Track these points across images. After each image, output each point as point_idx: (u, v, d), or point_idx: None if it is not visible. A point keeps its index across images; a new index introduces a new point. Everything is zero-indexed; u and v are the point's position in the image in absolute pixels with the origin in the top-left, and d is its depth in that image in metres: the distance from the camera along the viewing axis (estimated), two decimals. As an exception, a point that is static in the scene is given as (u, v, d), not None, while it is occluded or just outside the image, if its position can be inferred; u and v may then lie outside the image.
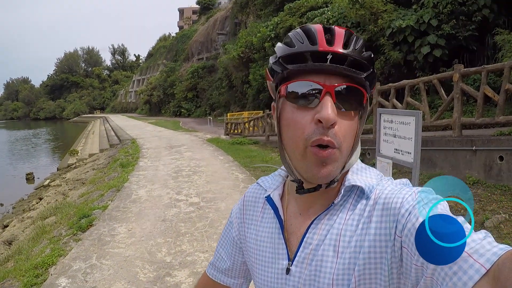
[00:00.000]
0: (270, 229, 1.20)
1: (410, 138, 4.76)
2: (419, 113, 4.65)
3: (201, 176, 11.80)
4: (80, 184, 15.71)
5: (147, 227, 7.39)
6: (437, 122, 9.71)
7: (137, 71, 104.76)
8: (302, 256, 1.08)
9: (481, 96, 8.57)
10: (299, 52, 0.99)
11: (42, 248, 6.93)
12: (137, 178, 12.02)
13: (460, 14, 13.64)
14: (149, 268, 5.66)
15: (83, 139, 41.30)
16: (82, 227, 7.51)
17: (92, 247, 6.53)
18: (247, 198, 1.34)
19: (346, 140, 1.00)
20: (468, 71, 9.09)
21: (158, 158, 16.31)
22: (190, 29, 75.68)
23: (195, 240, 6.66)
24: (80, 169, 21.74)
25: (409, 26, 14.20)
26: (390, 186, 1.04)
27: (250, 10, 43.52)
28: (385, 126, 5.30)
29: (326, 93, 0.96)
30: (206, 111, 49.52)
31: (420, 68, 14.66)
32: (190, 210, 8.34)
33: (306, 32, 1.02)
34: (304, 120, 0.99)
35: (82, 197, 11.21)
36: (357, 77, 0.99)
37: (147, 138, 26.09)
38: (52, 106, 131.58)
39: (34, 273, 5.72)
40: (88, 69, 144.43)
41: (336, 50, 0.97)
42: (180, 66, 65.47)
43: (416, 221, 0.87)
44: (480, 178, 8.16)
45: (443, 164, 9.01)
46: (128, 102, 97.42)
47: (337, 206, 1.07)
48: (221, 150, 17.88)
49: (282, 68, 1.02)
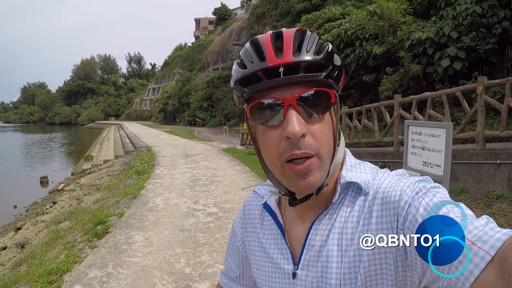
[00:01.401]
0: (271, 236, 1.20)
1: (440, 151, 4.68)
2: (450, 125, 4.58)
3: (219, 186, 11.71)
4: (94, 189, 15.71)
5: (165, 236, 7.30)
6: (460, 135, 9.59)
7: (153, 79, 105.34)
8: (307, 259, 1.08)
9: (505, 108, 8.46)
10: (251, 73, 0.97)
11: (56, 254, 6.86)
12: (154, 186, 11.96)
13: (480, 26, 13.48)
14: (168, 279, 5.55)
15: (98, 145, 41.48)
16: (98, 233, 7.44)
17: (109, 255, 6.45)
18: (246, 207, 1.34)
19: (323, 145, 0.98)
20: (492, 83, 8.97)
21: (174, 166, 16.26)
22: (206, 39, 75.97)
23: (215, 252, 6.55)
24: (95, 175, 21.77)
25: (429, 38, 14.04)
26: (387, 179, 1.03)
27: (266, 21, 43.57)
28: (413, 138, 5.22)
29: (289, 106, 0.94)
30: (221, 121, 49.51)
31: (440, 81, 14.49)
32: (209, 220, 8.25)
33: (255, 47, 1.00)
34: (275, 138, 0.97)
35: (97, 203, 11.16)
36: (317, 79, 0.96)
37: (162, 146, 26.08)
38: (68, 111, 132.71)
39: (48, 279, 5.66)
40: (104, 76, 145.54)
41: (286, 61, 0.94)
42: (196, 76, 65.65)
43: (417, 213, 0.88)
44: (504, 192, 8.00)
45: (465, 177, 8.85)
46: (142, 110, 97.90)
47: (336, 205, 1.07)
48: (238, 160, 17.80)
49: (241, 92, 1.01)
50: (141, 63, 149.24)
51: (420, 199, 0.90)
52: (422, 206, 0.88)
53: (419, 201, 0.90)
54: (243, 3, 70.97)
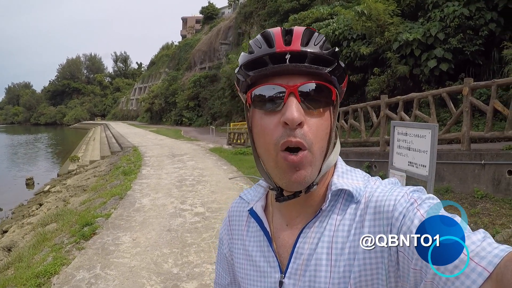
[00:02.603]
0: (257, 243, 1.17)
1: (426, 151, 4.74)
2: (436, 126, 4.64)
3: (205, 186, 11.74)
4: (81, 190, 15.66)
5: (152, 237, 7.31)
6: (445, 135, 9.68)
7: (139, 79, 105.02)
8: (294, 267, 1.05)
9: (490, 110, 8.56)
10: (258, 57, 0.99)
11: (43, 256, 6.85)
12: (140, 186, 11.96)
13: (467, 28, 13.62)
14: (156, 280, 5.57)
15: (84, 146, 41.32)
16: (85, 235, 7.43)
17: (96, 256, 6.44)
18: (231, 213, 1.31)
19: (318, 140, 0.98)
20: (478, 85, 9.10)
21: (160, 166, 16.27)
22: (193, 38, 75.83)
23: (202, 251, 6.58)
24: (81, 176, 21.70)
25: (416, 39, 14.19)
26: (380, 188, 1.02)
27: (254, 20, 43.63)
28: (399, 138, 5.28)
29: (290, 93, 0.95)
30: (208, 121, 49.50)
31: (426, 82, 14.63)
32: (196, 220, 8.26)
33: (265, 36, 1.02)
34: (272, 124, 0.97)
35: (84, 204, 11.14)
36: (321, 73, 0.97)
37: (149, 146, 26.09)
38: (53, 111, 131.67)
39: (36, 282, 5.64)
40: (90, 75, 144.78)
41: (294, 49, 0.96)
42: (182, 75, 65.56)
43: (412, 224, 0.86)
44: (488, 192, 8.12)
45: (451, 177, 8.96)
46: (129, 110, 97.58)
47: (325, 212, 1.05)
48: (224, 159, 17.86)
49: (245, 76, 1.02)
50: (127, 62, 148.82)
51: (415, 210, 0.89)
52: (417, 218, 0.87)
53: (414, 212, 0.89)
54: (230, 2, 70.88)
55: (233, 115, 40.51)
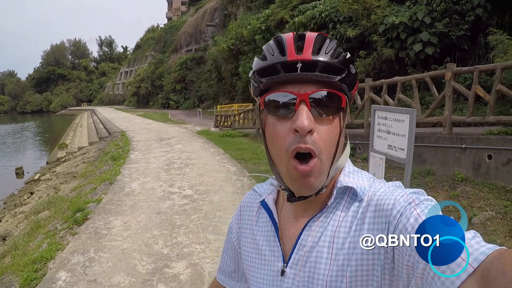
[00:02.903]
0: (265, 233, 1.22)
1: (404, 135, 4.87)
2: (414, 111, 4.76)
3: (193, 169, 11.88)
4: (71, 177, 15.63)
5: (143, 220, 7.47)
6: (428, 119, 9.84)
7: (125, 62, 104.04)
8: (296, 258, 1.09)
9: (472, 95, 8.71)
10: (270, 65, 1.02)
11: (38, 243, 6.95)
12: (129, 171, 12.07)
13: (453, 12, 13.70)
14: (147, 260, 5.75)
15: (71, 132, 40.93)
16: (77, 220, 7.55)
17: (89, 241, 6.59)
18: (243, 204, 1.37)
19: (327, 146, 1.02)
20: (460, 70, 9.22)
21: (149, 150, 16.35)
22: (178, 20, 75.09)
23: (191, 232, 6.76)
24: (70, 163, 21.60)
25: (403, 22, 14.26)
26: (382, 188, 1.05)
27: (240, 2, 43.28)
28: (379, 122, 5.40)
29: (301, 101, 0.98)
30: (195, 103, 49.41)
31: (412, 65, 14.78)
32: (184, 203, 8.42)
33: (278, 42, 1.05)
34: (284, 130, 1.01)
35: (75, 190, 11.21)
36: (332, 81, 1.00)
37: (136, 130, 26.09)
38: (39, 99, 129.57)
39: (33, 267, 5.76)
40: (75, 61, 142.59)
41: (305, 58, 0.99)
42: (169, 58, 65.08)
43: (407, 222, 0.90)
44: (468, 175, 8.30)
45: (432, 160, 9.15)
46: (115, 94, 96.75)
47: (330, 208, 1.09)
48: (212, 142, 17.94)
49: (258, 82, 1.06)
50: (113, 46, 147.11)
51: (412, 210, 0.92)
52: (413, 216, 0.90)
53: (410, 211, 0.92)
54: (216, -16, 70.32)
55: (220, 97, 40.50)
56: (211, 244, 6.25)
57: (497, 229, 6.32)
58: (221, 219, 7.34)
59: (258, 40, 27.49)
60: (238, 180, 10.19)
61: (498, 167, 7.77)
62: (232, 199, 8.49)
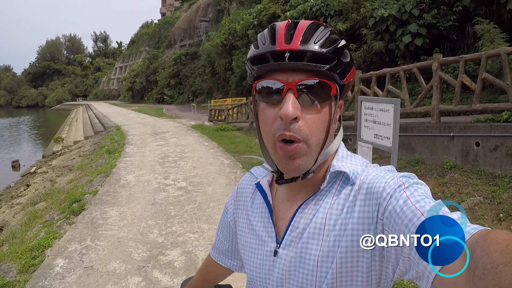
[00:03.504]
0: (259, 214, 1.25)
1: (389, 124, 4.98)
2: (398, 101, 4.90)
3: (187, 162, 12.03)
4: (67, 170, 15.72)
5: (138, 210, 7.62)
6: (416, 109, 9.98)
7: (119, 58, 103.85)
8: (289, 239, 1.12)
9: (458, 84, 8.83)
10: (261, 53, 1.05)
11: (36, 232, 7.07)
12: (125, 164, 12.19)
13: (441, 3, 13.87)
14: (142, 248, 5.91)
15: (67, 127, 40.93)
16: (74, 211, 7.68)
17: (86, 230, 6.75)
18: (240, 185, 1.41)
19: (314, 133, 1.03)
20: (447, 60, 9.34)
21: (144, 144, 16.48)
22: (172, 16, 74.97)
23: (185, 222, 6.92)
24: (66, 156, 21.70)
25: (391, 15, 14.42)
26: (374, 172, 1.07)
27: (233, -4, 43.38)
28: (366, 112, 5.54)
29: (288, 89, 1.00)
30: (189, 98, 49.47)
31: (402, 56, 14.91)
32: (179, 194, 8.58)
33: (271, 31, 1.07)
34: (272, 116, 1.03)
35: (71, 183, 11.31)
36: (320, 70, 1.01)
37: (132, 125, 26.17)
38: (34, 94, 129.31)
39: (31, 255, 5.88)
40: (70, 56, 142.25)
41: (293, 48, 1.00)
42: (163, 53, 65.09)
43: (397, 204, 0.92)
44: (457, 163, 8.41)
45: (421, 149, 9.28)
46: (110, 89, 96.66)
47: (323, 192, 1.12)
48: (206, 136, 18.11)
49: (251, 69, 1.09)
50: (107, 41, 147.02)
51: (402, 192, 0.93)
52: (402, 199, 0.91)
53: (400, 193, 0.93)
54: (209, -21, 70.14)
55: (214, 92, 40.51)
56: (204, 233, 6.41)
57: (485, 213, 6.47)
58: (214, 209, 7.50)
59: (250, 35, 27.62)
60: (232, 173, 10.34)
61: (486, 154, 7.88)
62: (226, 191, 8.64)
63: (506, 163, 7.50)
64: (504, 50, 7.99)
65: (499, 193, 6.86)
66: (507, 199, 6.65)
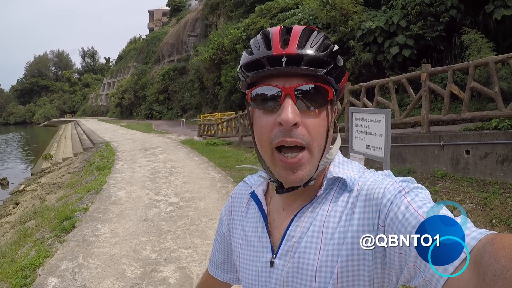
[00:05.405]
0: (254, 224, 1.22)
1: (381, 135, 5.02)
2: (389, 111, 4.95)
3: (178, 177, 11.98)
4: (56, 188, 15.61)
5: (130, 227, 7.56)
6: (406, 119, 10.02)
7: (108, 74, 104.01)
8: (285, 249, 1.09)
9: (447, 94, 8.90)
10: (256, 59, 1.02)
11: (26, 251, 6.99)
12: (115, 180, 12.12)
13: (428, 15, 14.00)
14: (135, 265, 5.85)
15: (55, 143, 40.65)
16: (65, 228, 7.61)
17: (78, 248, 6.68)
18: (234, 195, 1.37)
19: (315, 138, 1.01)
20: (435, 70, 9.41)
21: (133, 160, 16.41)
22: (160, 31, 75.33)
23: (178, 238, 6.88)
24: (55, 173, 21.53)
25: (379, 27, 14.55)
26: (372, 178, 1.05)
27: (221, 11, 43.62)
28: (357, 124, 5.57)
29: (286, 95, 0.98)
30: (178, 113, 49.54)
31: (390, 68, 15.03)
32: (170, 210, 8.54)
33: (265, 37, 1.05)
34: (269, 123, 1.00)
35: (61, 200, 11.23)
36: (317, 74, 0.99)
37: (121, 141, 26.07)
38: (22, 110, 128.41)
39: (22, 274, 5.81)
40: (58, 72, 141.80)
41: (290, 52, 0.98)
42: (151, 69, 65.27)
43: (398, 210, 0.90)
44: (448, 171, 8.46)
45: (412, 159, 9.32)
46: (98, 105, 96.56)
47: (320, 199, 1.09)
48: (196, 151, 18.09)
49: (244, 76, 1.05)
50: (95, 57, 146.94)
51: (402, 198, 0.92)
52: (403, 205, 0.90)
53: (401, 199, 0.91)
54: (197, -6, 70.59)
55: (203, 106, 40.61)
56: (198, 248, 6.36)
57: (477, 220, 6.50)
58: (207, 224, 7.47)
59: (239, 49, 27.77)
60: (223, 187, 10.32)
61: (476, 161, 7.93)
62: (218, 205, 8.61)
63: (496, 170, 7.57)
64: (491, 59, 8.07)
65: (491, 199, 6.91)
66: (499, 205, 6.69)
